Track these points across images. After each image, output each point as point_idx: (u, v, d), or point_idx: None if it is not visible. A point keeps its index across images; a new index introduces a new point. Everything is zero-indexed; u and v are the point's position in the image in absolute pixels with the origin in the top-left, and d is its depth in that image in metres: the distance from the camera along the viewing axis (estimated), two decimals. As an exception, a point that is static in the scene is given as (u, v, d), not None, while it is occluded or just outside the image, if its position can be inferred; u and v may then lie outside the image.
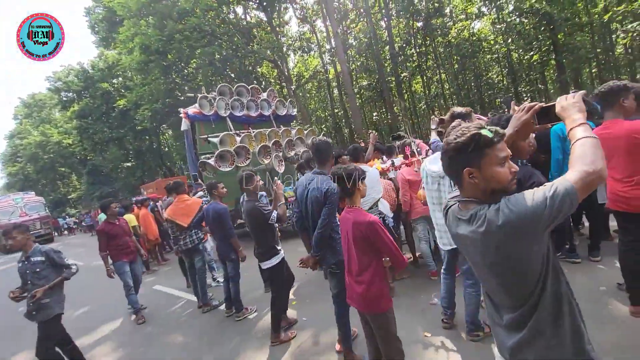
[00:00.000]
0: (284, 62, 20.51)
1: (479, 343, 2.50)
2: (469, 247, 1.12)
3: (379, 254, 1.85)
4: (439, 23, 18.29)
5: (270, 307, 3.13)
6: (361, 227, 1.80)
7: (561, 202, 0.91)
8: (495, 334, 1.17)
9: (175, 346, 3.59)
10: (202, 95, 7.43)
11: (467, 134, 1.03)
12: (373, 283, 1.83)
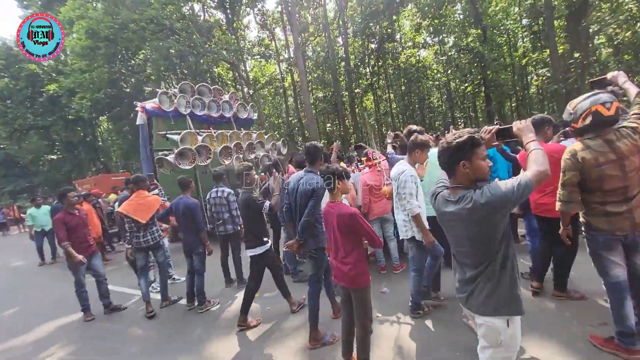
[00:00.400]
0: (240, 65, 20.44)
1: (419, 319, 3.04)
2: (453, 222, 1.56)
3: (360, 239, 2.25)
4: (390, 47, 19.94)
5: (245, 290, 3.40)
6: (344, 218, 2.18)
7: (524, 189, 1.38)
8: (459, 288, 1.65)
9: (136, 339, 3.58)
10: (163, 91, 7.27)
11: (464, 136, 1.49)
12: (356, 263, 2.22)
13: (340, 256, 2.26)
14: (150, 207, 4.16)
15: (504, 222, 1.47)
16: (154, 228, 4.21)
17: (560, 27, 15.85)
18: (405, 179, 2.78)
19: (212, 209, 4.55)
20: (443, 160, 1.59)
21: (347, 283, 2.28)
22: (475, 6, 15.80)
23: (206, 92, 8.19)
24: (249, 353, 2.96)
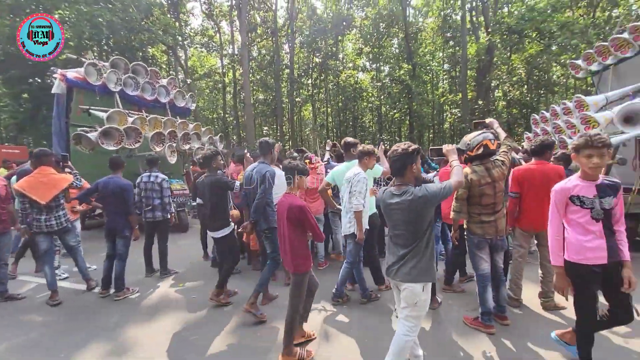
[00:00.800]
0: (176, 51, 19.25)
1: (339, 306, 3.46)
2: (396, 210, 2.06)
3: (305, 230, 2.52)
4: (333, 65, 21.12)
5: (219, 272, 3.57)
6: (294, 209, 2.43)
7: (447, 191, 1.98)
8: (391, 265, 2.13)
9: (35, 325, 3.22)
10: (91, 62, 6.60)
11: (413, 146, 2.09)
12: (300, 252, 2.50)
13: (287, 244, 2.52)
14: (54, 186, 3.64)
15: (430, 213, 2.06)
16: (61, 212, 3.74)
17: (472, 77, 18.93)
18: (359, 180, 3.20)
19: (142, 194, 4.35)
20: (398, 162, 2.09)
21: (290, 269, 2.56)
22: (408, 44, 17.85)
23: (142, 72, 7.68)
24: (173, 338, 2.96)
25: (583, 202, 2.03)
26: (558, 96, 18.54)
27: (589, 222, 2.02)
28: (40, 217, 3.61)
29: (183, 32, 18.75)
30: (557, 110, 5.79)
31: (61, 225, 3.74)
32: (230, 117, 25.39)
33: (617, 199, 2.03)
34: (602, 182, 2.04)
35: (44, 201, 3.55)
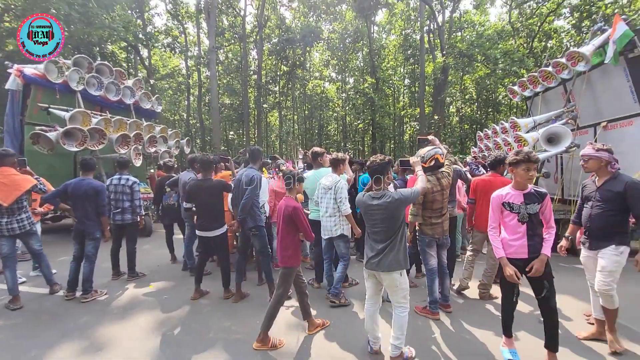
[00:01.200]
0: (138, 50, 18.56)
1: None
2: (375, 211, 2.47)
3: (297, 229, 2.84)
4: (300, 74, 21.61)
5: (221, 270, 3.83)
6: (289, 209, 2.76)
7: (415, 195, 2.52)
8: (371, 259, 2.52)
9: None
10: (51, 60, 6.34)
11: (387, 158, 2.57)
12: (289, 247, 2.82)
13: (280, 240, 2.85)
14: (16, 188, 3.53)
15: (403, 212, 2.52)
16: (24, 214, 3.65)
17: (429, 93, 20.38)
18: (341, 187, 3.55)
19: (112, 197, 4.35)
20: (377, 171, 2.51)
21: (280, 263, 2.87)
22: (372, 59, 18.86)
23: (106, 71, 7.50)
24: (149, 336, 3.07)
25: (512, 208, 2.48)
26: (503, 114, 20.57)
27: (515, 224, 2.46)
28: (1, 220, 3.51)
29: (146, 30, 18.13)
30: (497, 129, 6.67)
31: (24, 228, 3.65)
32: (194, 120, 24.80)
33: (542, 206, 2.44)
34: (530, 191, 2.47)
35: (6, 203, 3.46)
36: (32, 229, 3.78)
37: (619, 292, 2.68)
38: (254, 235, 3.69)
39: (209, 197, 3.63)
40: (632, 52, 4.81)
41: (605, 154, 2.65)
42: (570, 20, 17.56)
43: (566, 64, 5.67)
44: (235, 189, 3.77)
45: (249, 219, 3.63)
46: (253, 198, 3.57)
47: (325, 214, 3.71)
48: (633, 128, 5.06)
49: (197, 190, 3.66)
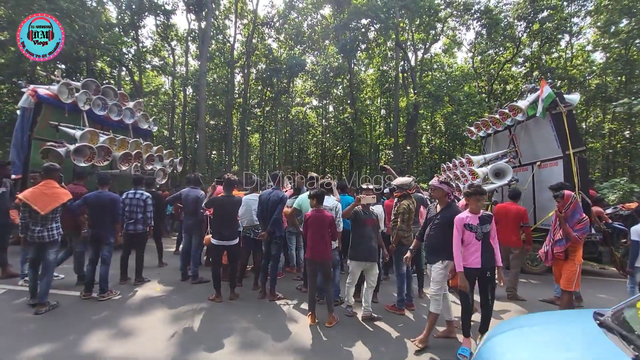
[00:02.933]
0: (130, 70, 19.09)
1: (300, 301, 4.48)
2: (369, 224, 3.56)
3: (330, 232, 3.79)
4: (284, 100, 22.81)
5: (232, 273, 4.55)
6: (326, 218, 3.75)
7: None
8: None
9: (31, 320, 3.61)
10: (65, 82, 6.94)
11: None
12: (328, 244, 3.76)
13: (319, 239, 3.75)
14: (55, 200, 3.88)
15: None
16: (54, 224, 3.94)
17: (403, 124, 22.11)
18: (339, 209, 4.31)
19: (126, 209, 4.93)
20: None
21: (320, 257, 3.75)
22: (352, 92, 20.43)
23: (111, 93, 8.11)
24: (169, 325, 3.65)
25: (471, 228, 3.23)
26: (468, 146, 22.60)
27: (474, 241, 3.23)
28: (35, 227, 3.84)
29: (140, 52, 18.77)
30: (457, 163, 7.89)
31: (52, 237, 3.90)
32: (174, 138, 25.08)
33: (491, 225, 3.27)
34: (483, 215, 3.28)
35: (44, 212, 3.81)
36: (58, 239, 4.02)
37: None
38: (276, 243, 4.49)
39: (233, 211, 4.41)
40: (555, 109, 6.20)
41: (445, 187, 3.53)
42: (524, 68, 20.21)
43: (509, 114, 7.04)
44: (262, 205, 4.49)
45: (277, 230, 4.47)
46: (280, 213, 4.42)
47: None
48: (558, 168, 6.37)
49: (221, 204, 4.37)
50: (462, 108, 15.54)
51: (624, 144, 17.38)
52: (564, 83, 17.91)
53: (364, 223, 3.85)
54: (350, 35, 16.97)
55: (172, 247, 7.54)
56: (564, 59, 19.49)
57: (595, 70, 18.52)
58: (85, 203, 4.37)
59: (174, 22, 23.25)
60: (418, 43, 21.37)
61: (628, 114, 13.93)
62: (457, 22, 20.74)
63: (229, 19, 23.41)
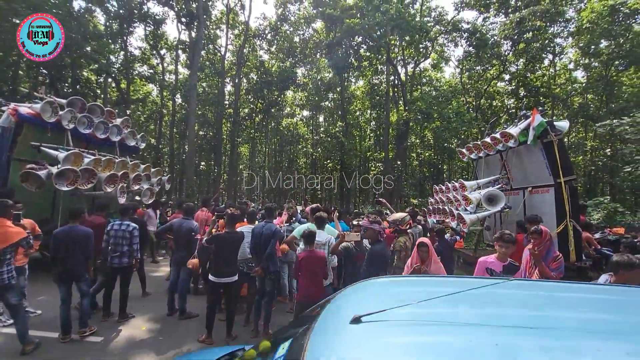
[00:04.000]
0: (118, 80, 18.68)
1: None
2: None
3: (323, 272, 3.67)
4: (275, 112, 22.73)
5: (229, 314, 4.28)
6: (319, 259, 3.63)
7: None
8: None
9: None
10: (48, 100, 6.64)
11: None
12: (320, 284, 3.64)
13: (313, 280, 3.65)
14: (5, 240, 3.49)
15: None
16: (5, 268, 3.53)
17: (393, 137, 22.32)
18: (332, 243, 4.17)
19: (111, 241, 4.68)
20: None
21: (313, 298, 3.50)
22: (343, 106, 20.53)
23: (97, 111, 7.83)
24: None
25: (492, 273, 3.14)
26: (457, 159, 22.97)
27: None
28: None
29: (129, 60, 18.42)
30: (450, 186, 7.91)
31: (2, 282, 3.51)
32: (162, 146, 24.58)
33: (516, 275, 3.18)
34: (508, 264, 3.17)
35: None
36: (10, 282, 3.60)
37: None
38: (270, 278, 4.33)
39: (235, 248, 4.19)
40: (546, 137, 6.29)
41: (377, 226, 3.68)
42: (510, 85, 20.77)
43: (500, 139, 7.11)
44: (255, 239, 4.34)
45: (270, 265, 4.30)
46: (274, 248, 4.27)
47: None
48: (549, 195, 6.44)
49: (226, 241, 4.14)
50: (452, 126, 15.79)
51: (605, 161, 17.97)
52: (547, 100, 18.48)
53: (354, 260, 3.75)
54: (343, 52, 17.10)
55: (156, 271, 7.25)
56: (548, 77, 20.15)
57: (577, 89, 19.21)
58: (54, 239, 4.06)
59: (164, 30, 22.95)
60: (408, 58, 21.73)
61: (610, 134, 14.41)
62: (445, 39, 21.24)
63: (220, 29, 23.32)
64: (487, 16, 19.07)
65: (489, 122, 13.12)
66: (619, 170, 16.63)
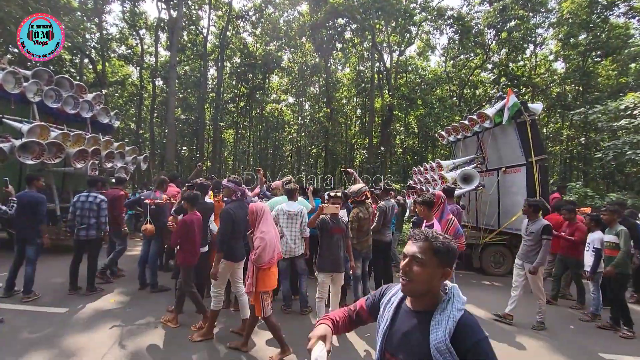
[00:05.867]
0: (92, 58, 17.87)
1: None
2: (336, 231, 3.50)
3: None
4: (259, 96, 22.33)
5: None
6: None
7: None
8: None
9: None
10: (10, 70, 6.29)
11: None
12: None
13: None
14: None
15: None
16: None
17: (378, 124, 22.36)
18: (304, 214, 4.22)
19: (78, 212, 4.54)
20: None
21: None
22: (328, 91, 20.37)
23: (66, 84, 7.47)
24: (117, 344, 3.36)
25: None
26: (440, 147, 23.28)
27: None
28: None
29: (105, 39, 17.63)
30: (427, 167, 8.02)
31: None
32: (142, 132, 23.87)
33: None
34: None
35: None
36: None
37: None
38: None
39: (206, 218, 4.11)
40: (519, 118, 6.42)
41: (232, 185, 3.70)
42: (492, 74, 21.05)
43: (477, 120, 7.22)
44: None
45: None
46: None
47: (290, 235, 4.22)
48: (521, 174, 6.62)
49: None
50: (435, 111, 15.92)
51: (579, 150, 18.58)
52: (528, 90, 18.86)
53: (331, 233, 3.72)
54: (327, 34, 16.84)
55: (133, 250, 7.11)
56: (529, 67, 20.51)
57: (556, 79, 19.66)
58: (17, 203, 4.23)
59: (143, 9, 21.98)
60: (394, 45, 21.63)
61: (584, 122, 14.86)
62: (431, 26, 21.22)
63: (202, 10, 22.52)
64: (472, 4, 19.13)
65: (471, 111, 13.36)
66: (592, 158, 17.28)
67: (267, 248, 3.07)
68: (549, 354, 3.58)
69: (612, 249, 4.28)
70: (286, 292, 4.39)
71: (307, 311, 4.29)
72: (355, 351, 3.44)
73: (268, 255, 3.07)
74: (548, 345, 3.75)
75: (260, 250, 3.03)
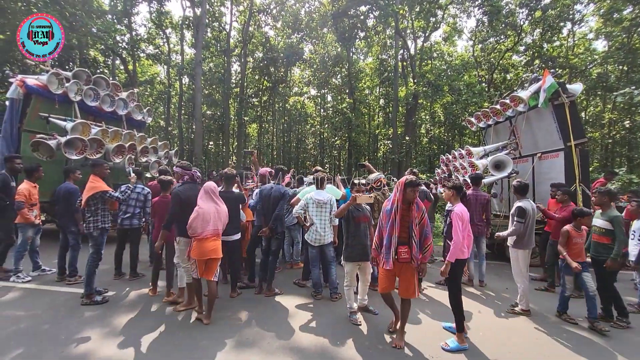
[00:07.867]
0: (124, 59, 18.67)
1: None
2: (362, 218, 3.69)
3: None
4: (282, 90, 22.46)
5: (232, 271, 4.48)
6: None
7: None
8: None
9: (23, 318, 3.55)
10: (54, 72, 6.72)
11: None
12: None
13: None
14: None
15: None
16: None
17: (402, 114, 21.88)
18: (333, 202, 4.34)
19: (124, 202, 4.82)
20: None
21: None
22: (351, 82, 20.11)
23: (103, 84, 7.89)
24: (160, 323, 3.59)
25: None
26: (467, 136, 22.46)
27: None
28: None
29: (134, 40, 18.37)
30: (456, 154, 7.78)
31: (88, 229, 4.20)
32: (171, 128, 24.80)
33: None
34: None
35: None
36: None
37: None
38: (277, 238, 4.46)
39: (236, 207, 4.30)
40: (557, 100, 6.06)
41: (179, 169, 3.92)
42: (525, 57, 19.90)
43: (510, 104, 6.90)
44: (264, 200, 4.45)
45: (278, 225, 4.44)
46: (283, 209, 4.41)
47: (320, 223, 4.26)
48: (559, 159, 6.28)
49: (228, 200, 4.08)
50: (462, 98, 15.33)
51: (623, 134, 17.28)
52: (565, 72, 17.68)
53: (357, 221, 3.72)
54: (349, 23, 16.55)
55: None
56: (566, 47, 19.18)
57: (597, 59, 18.27)
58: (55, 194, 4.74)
59: (168, 9, 22.62)
60: (418, 31, 20.93)
61: (629, 104, 13.77)
62: (457, 9, 20.30)
63: (224, 6, 22.84)
64: (502, -18, 18.04)
65: (502, 96, 12.69)
66: (637, 143, 16.01)
67: (197, 220, 3.40)
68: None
69: (600, 235, 3.90)
70: (317, 279, 4.44)
71: (337, 297, 4.35)
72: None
73: (200, 228, 3.41)
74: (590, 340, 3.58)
75: (191, 221, 3.41)
